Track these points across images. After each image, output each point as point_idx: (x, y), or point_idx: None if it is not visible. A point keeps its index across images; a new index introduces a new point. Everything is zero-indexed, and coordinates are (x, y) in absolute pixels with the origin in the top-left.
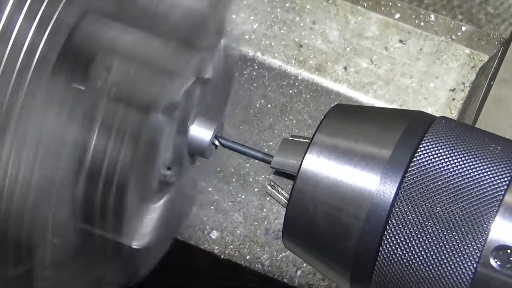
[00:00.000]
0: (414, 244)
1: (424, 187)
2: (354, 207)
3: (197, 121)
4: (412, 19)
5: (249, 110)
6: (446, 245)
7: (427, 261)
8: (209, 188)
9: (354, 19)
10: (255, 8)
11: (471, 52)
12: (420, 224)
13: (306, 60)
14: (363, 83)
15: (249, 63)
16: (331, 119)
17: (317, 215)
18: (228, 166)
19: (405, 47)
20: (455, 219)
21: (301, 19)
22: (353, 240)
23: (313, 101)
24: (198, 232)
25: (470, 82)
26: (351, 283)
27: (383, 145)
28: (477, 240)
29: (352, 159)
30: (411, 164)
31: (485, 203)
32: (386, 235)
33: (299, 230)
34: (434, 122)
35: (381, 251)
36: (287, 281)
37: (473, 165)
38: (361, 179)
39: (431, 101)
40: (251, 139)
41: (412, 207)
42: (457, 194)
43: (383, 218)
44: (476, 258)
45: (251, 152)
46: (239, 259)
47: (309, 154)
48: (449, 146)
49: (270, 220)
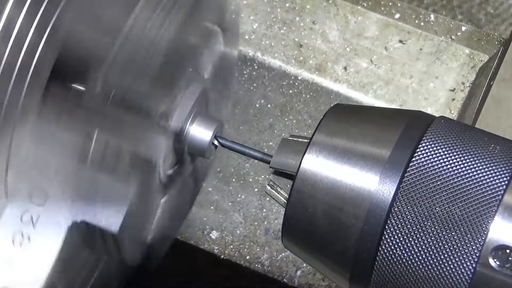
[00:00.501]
0: (413, 243)
1: (423, 187)
2: (353, 207)
3: (197, 121)
4: (412, 19)
5: (249, 110)
6: (445, 245)
7: (426, 261)
8: (209, 188)
9: (354, 19)
10: (255, 8)
11: (471, 52)
12: (419, 223)
13: (306, 60)
14: (363, 83)
15: (249, 63)
16: (330, 119)
17: (316, 215)
18: (228, 166)
19: (405, 47)
20: (454, 219)
21: (301, 19)
22: (352, 239)
23: (313, 101)
24: (198, 232)
25: (470, 82)
26: (351, 283)
27: (382, 145)
28: (476, 240)
29: (351, 159)
30: (410, 164)
31: (484, 203)
32: (385, 234)
33: (298, 230)
34: (433, 122)
35: (380, 250)
36: (287, 281)
37: (472, 165)
38: (360, 179)
39: (431, 101)
40: (251, 139)
41: (411, 207)
42: (456, 194)
43: (382, 218)
44: (475, 258)
45: (250, 152)
46: (239, 259)
47: (308, 154)
48: (448, 146)
49: (270, 220)
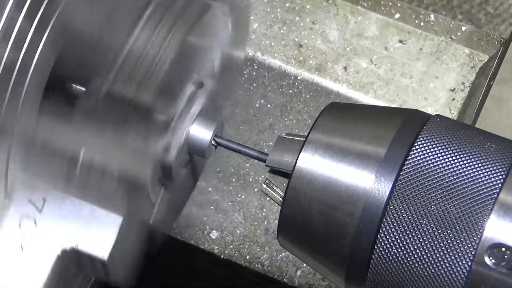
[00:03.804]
0: (409, 242)
1: (419, 185)
2: (349, 205)
3: (197, 121)
4: (412, 19)
5: (249, 110)
6: (441, 243)
7: (422, 259)
8: (209, 188)
9: (354, 19)
10: (255, 8)
11: (471, 52)
12: (415, 222)
13: (306, 60)
14: (363, 83)
15: (249, 63)
16: (326, 117)
17: (312, 213)
18: (228, 166)
19: (405, 47)
20: (450, 217)
21: (301, 19)
22: (348, 238)
23: (313, 101)
24: (198, 232)
25: (470, 82)
26: (346, 281)
27: (378, 143)
28: (471, 238)
29: (347, 157)
30: (406, 162)
31: (480, 201)
32: (381, 233)
33: (294, 228)
34: (429, 120)
35: (376, 249)
36: (287, 281)
37: (468, 163)
38: (356, 177)
39: (431, 101)
40: (251, 139)
41: (407, 205)
42: (452, 192)
43: (378, 216)
44: (471, 256)
45: (246, 151)
46: (239, 259)
47: (304, 152)
48: (444, 144)
49: (270, 220)
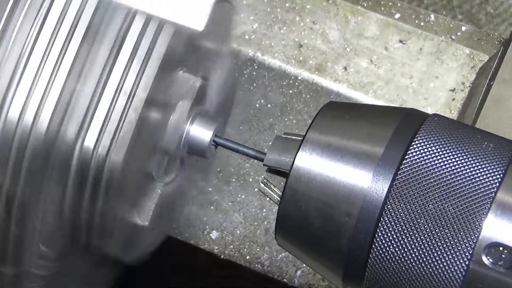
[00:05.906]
0: (407, 241)
1: (417, 185)
2: (347, 205)
3: (197, 121)
4: (412, 19)
5: (249, 110)
6: (439, 243)
7: (419, 258)
8: (209, 188)
9: (354, 19)
10: (255, 8)
11: (471, 52)
12: (413, 221)
13: (306, 60)
14: (363, 83)
15: (249, 63)
16: (323, 116)
17: (309, 212)
18: (228, 166)
19: (405, 47)
20: (448, 216)
21: (301, 19)
22: (345, 237)
23: (313, 101)
24: (198, 232)
25: (470, 82)
26: (344, 280)
27: (376, 143)
28: (469, 238)
29: (345, 157)
30: (403, 161)
31: (477, 200)
32: (379, 232)
33: (292, 228)
34: (427, 119)
35: (374, 248)
36: (287, 281)
37: (466, 162)
38: (354, 176)
39: (431, 101)
40: (251, 139)
41: (405, 205)
42: (450, 191)
43: (376, 216)
44: (468, 256)
45: (243, 150)
46: (239, 259)
47: (302, 152)
48: (441, 143)
49: (270, 220)
